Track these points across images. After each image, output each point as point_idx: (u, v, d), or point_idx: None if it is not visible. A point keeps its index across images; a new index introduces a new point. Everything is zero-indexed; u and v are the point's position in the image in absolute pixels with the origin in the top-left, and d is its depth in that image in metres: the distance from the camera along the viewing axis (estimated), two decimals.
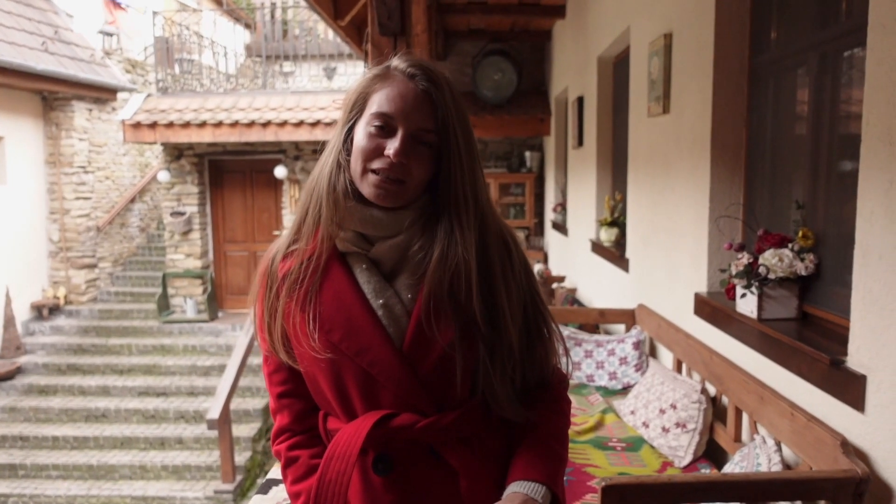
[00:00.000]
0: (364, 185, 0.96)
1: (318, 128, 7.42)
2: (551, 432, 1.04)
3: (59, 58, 7.62)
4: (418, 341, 0.96)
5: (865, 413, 1.52)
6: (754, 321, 2.02)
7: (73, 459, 6.36)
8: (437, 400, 0.98)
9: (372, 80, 0.99)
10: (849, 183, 1.80)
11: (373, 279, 0.99)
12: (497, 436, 1.04)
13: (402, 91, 0.96)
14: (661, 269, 3.03)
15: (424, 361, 0.96)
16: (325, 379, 0.99)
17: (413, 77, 0.97)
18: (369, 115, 0.97)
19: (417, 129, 0.95)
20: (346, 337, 0.96)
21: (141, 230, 9.60)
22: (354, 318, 0.96)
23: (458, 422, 0.98)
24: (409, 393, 0.96)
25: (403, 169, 0.95)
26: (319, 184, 1.00)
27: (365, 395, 0.98)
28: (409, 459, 0.99)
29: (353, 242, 0.99)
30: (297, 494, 1.04)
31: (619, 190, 4.15)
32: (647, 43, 3.14)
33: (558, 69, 6.24)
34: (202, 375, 7.34)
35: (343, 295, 0.98)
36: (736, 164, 2.41)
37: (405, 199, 0.97)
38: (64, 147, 8.06)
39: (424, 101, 0.96)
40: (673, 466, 2.28)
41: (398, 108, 0.95)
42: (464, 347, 0.97)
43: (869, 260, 1.51)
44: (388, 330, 0.97)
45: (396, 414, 0.97)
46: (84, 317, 8.16)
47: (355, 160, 0.97)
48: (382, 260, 0.99)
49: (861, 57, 1.74)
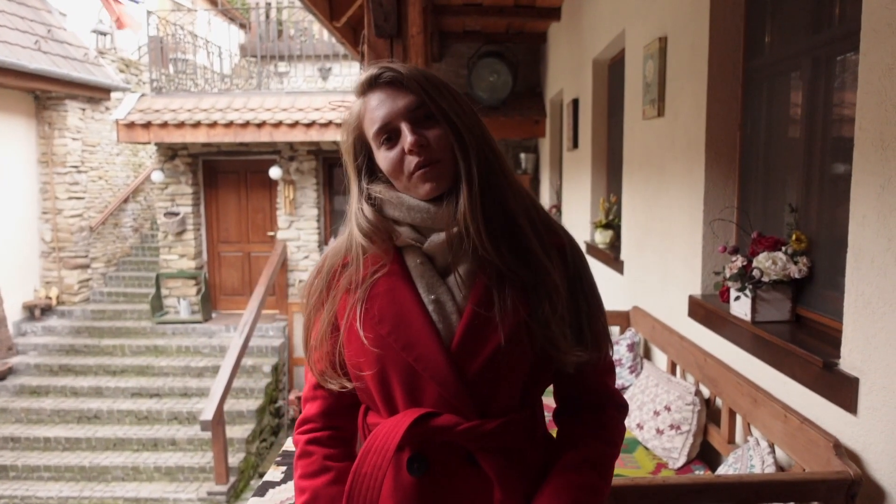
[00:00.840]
0: (415, 190, 0.97)
1: (314, 128, 7.41)
2: (592, 460, 1.00)
3: (52, 57, 7.58)
4: (468, 341, 0.95)
5: (858, 415, 1.53)
6: (748, 324, 2.03)
7: (65, 461, 6.32)
8: (481, 405, 0.96)
9: (355, 116, 1.01)
10: (841, 186, 1.82)
11: (426, 273, 0.98)
12: (538, 450, 1.02)
13: (377, 99, 0.97)
14: (656, 271, 3.05)
15: (472, 362, 0.95)
16: (371, 371, 0.97)
17: (374, 81, 0.98)
18: (373, 141, 0.99)
19: (407, 111, 0.96)
20: (395, 330, 0.95)
21: (134, 230, 9.56)
22: (404, 312, 0.96)
23: (501, 430, 0.95)
24: (454, 393, 0.94)
25: (428, 150, 0.95)
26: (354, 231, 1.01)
27: (408, 391, 0.96)
28: (445, 462, 0.97)
29: (407, 236, 0.99)
30: (302, 490, 1.03)
31: (614, 192, 4.17)
32: (642, 46, 3.15)
33: (553, 71, 6.25)
34: (196, 376, 7.31)
35: (396, 288, 0.97)
36: (730, 168, 2.43)
37: (450, 178, 0.96)
38: (57, 146, 8.02)
39: (396, 87, 0.97)
40: (667, 468, 2.28)
41: (383, 112, 0.96)
42: (516, 350, 0.95)
43: (861, 263, 1.52)
44: (437, 326, 0.95)
45: (438, 414, 0.95)
46: (76, 317, 8.11)
47: (395, 178, 0.98)
48: (437, 255, 0.99)
49: (854, 61, 1.76)
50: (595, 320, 1.02)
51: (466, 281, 0.97)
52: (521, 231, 0.98)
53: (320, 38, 9.70)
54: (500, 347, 0.94)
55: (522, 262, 0.97)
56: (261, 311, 7.07)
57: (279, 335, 7.89)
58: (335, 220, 8.45)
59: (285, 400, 7.67)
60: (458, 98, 1.00)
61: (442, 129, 0.96)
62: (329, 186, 8.40)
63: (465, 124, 0.97)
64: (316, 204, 8.21)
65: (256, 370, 7.34)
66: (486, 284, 0.96)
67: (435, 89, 0.97)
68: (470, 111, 1.00)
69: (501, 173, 0.99)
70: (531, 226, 0.99)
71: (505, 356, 0.95)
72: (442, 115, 0.96)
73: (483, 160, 0.97)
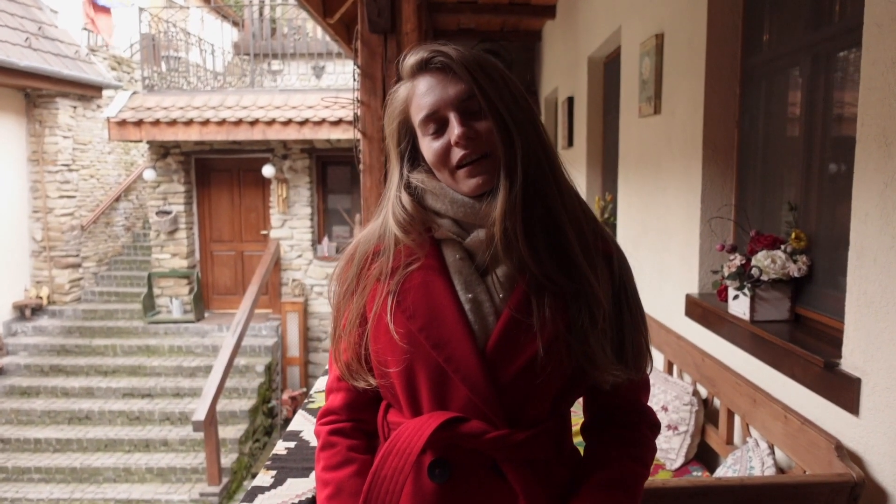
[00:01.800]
0: (461, 185, 0.92)
1: (307, 126, 7.37)
2: (622, 481, 0.95)
3: (42, 54, 7.50)
4: (504, 345, 0.90)
5: (860, 416, 1.50)
6: (746, 323, 2.01)
7: (55, 462, 6.26)
8: (512, 414, 0.91)
9: (399, 100, 0.96)
10: (842, 184, 1.79)
11: (465, 270, 0.93)
12: (565, 464, 0.98)
13: (426, 84, 0.92)
14: (652, 270, 3.02)
15: (507, 368, 0.90)
16: (397, 367, 0.92)
17: (427, 64, 0.93)
18: (419, 128, 0.94)
19: (459, 101, 0.90)
20: (427, 326, 0.90)
21: (126, 229, 9.48)
22: (439, 309, 0.91)
23: (531, 442, 0.91)
24: (484, 399, 0.89)
25: (477, 143, 0.90)
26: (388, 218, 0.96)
27: (435, 392, 0.91)
28: (468, 471, 0.93)
29: (448, 229, 0.94)
30: (325, 483, 0.99)
31: (610, 191, 4.14)
32: (639, 43, 3.13)
33: (548, 69, 6.23)
34: (188, 376, 7.26)
35: (431, 283, 0.92)
36: (728, 165, 2.40)
37: (496, 171, 0.90)
38: (47, 145, 7.94)
39: (448, 74, 0.91)
40: (664, 469, 2.26)
41: (433, 99, 0.91)
42: (552, 360, 0.89)
43: (864, 262, 1.50)
44: (472, 326, 0.91)
45: (466, 419, 0.90)
46: (67, 317, 8.04)
47: (439, 170, 0.93)
48: (477, 251, 0.93)
49: (855, 58, 1.74)
50: (638, 336, 0.98)
51: (506, 283, 0.92)
52: (565, 237, 0.92)
53: (314, 36, 9.66)
54: (536, 356, 0.89)
55: (563, 271, 0.91)
56: (254, 311, 7.02)
57: (272, 334, 7.84)
58: (329, 219, 8.41)
59: (278, 400, 7.62)
60: (512, 88, 0.93)
61: (490, 121, 0.91)
62: (323, 185, 8.35)
63: (514, 118, 0.91)
64: (309, 202, 8.16)
65: (249, 370, 7.29)
66: (525, 289, 0.91)
67: (487, 78, 0.91)
68: (524, 104, 0.93)
69: (551, 174, 0.93)
70: (577, 232, 0.93)
71: (541, 366, 0.90)
72: (490, 108, 0.90)
73: (531, 158, 0.91)
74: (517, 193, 0.89)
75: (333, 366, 1.03)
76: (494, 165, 0.91)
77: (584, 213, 0.97)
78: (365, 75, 2.72)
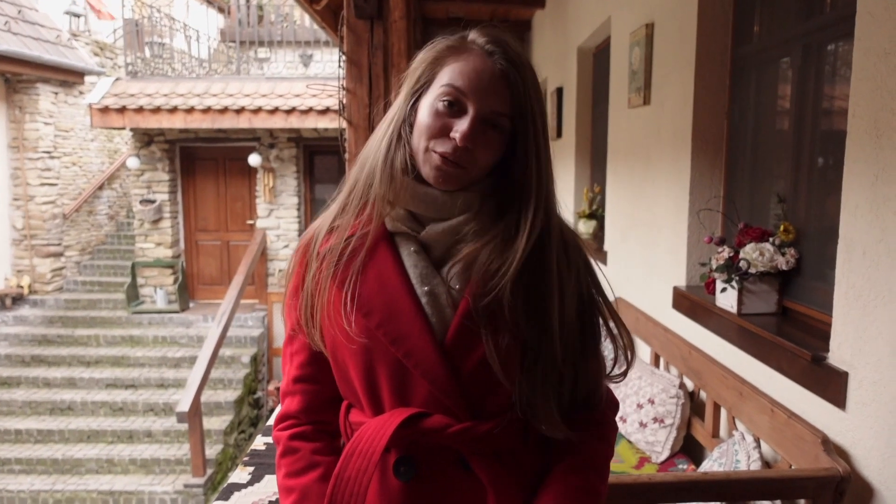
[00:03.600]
0: (424, 163, 0.89)
1: (294, 115, 7.28)
2: (592, 462, 0.95)
3: (22, 38, 7.34)
4: (462, 336, 0.87)
5: (847, 410, 1.49)
6: (734, 316, 1.99)
7: (36, 453, 6.18)
8: (475, 405, 0.89)
9: (444, 50, 0.90)
10: (831, 176, 1.78)
11: (420, 263, 0.90)
12: (534, 453, 0.96)
13: (478, 67, 0.87)
14: (640, 262, 3.01)
15: (467, 360, 0.88)
16: (356, 366, 0.90)
17: (492, 54, 0.88)
18: (439, 88, 0.88)
19: (490, 111, 0.86)
20: (385, 322, 0.88)
21: (110, 218, 9.34)
22: (395, 303, 0.88)
23: (495, 433, 0.89)
24: (445, 392, 0.87)
25: (468, 154, 0.86)
26: (376, 156, 0.91)
27: (396, 388, 0.89)
28: (434, 466, 0.91)
29: (403, 222, 0.91)
30: (289, 490, 0.95)
31: (598, 182, 4.12)
32: (629, 33, 3.10)
33: (538, 59, 6.18)
34: (172, 367, 7.19)
35: (386, 277, 0.89)
36: (717, 157, 2.38)
37: (464, 182, 0.89)
38: (28, 131, 7.79)
39: (501, 81, 0.87)
40: (650, 462, 2.25)
41: (472, 85, 0.86)
42: (510, 351, 0.88)
43: (853, 255, 1.48)
44: (430, 320, 0.88)
45: (428, 414, 0.88)
46: (49, 306, 7.92)
47: (418, 137, 0.89)
48: (433, 244, 0.91)
49: (846, 48, 1.72)
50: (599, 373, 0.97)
51: (462, 274, 0.90)
52: (548, 291, 0.89)
53: (301, 23, 9.54)
54: (496, 346, 0.87)
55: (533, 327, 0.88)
56: (239, 301, 6.95)
57: (258, 325, 7.78)
58: (316, 209, 8.33)
59: (264, 391, 7.57)
60: (546, 125, 0.91)
61: (498, 150, 0.89)
62: (310, 175, 8.27)
63: (546, 162, 0.89)
64: (296, 192, 8.08)
65: (235, 360, 7.23)
66: None
67: (538, 112, 0.88)
68: (549, 142, 0.92)
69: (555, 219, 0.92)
70: (560, 282, 0.90)
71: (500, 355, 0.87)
72: (533, 146, 0.87)
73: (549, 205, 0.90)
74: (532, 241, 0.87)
75: (288, 366, 1.00)
76: (465, 179, 0.89)
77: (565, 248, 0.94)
78: (351, 62, 2.67)
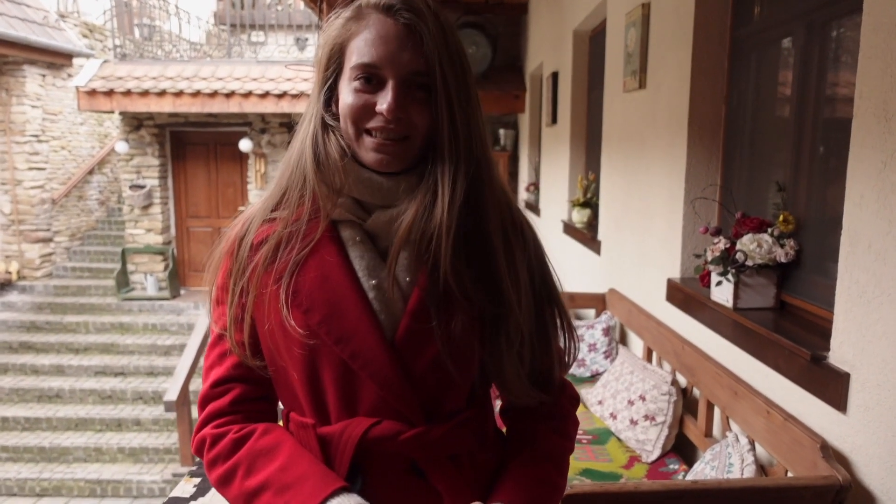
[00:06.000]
0: (362, 150, 0.81)
1: (285, 99, 7.13)
2: (550, 455, 0.90)
3: (8, 18, 7.17)
4: (413, 333, 0.81)
5: (847, 414, 1.40)
6: (729, 310, 1.89)
7: (24, 441, 6.11)
8: (429, 407, 0.83)
9: (344, 25, 0.82)
10: (835, 164, 1.67)
11: (367, 255, 0.83)
12: (490, 452, 0.89)
13: (382, 32, 0.79)
14: (634, 252, 2.90)
15: (419, 359, 0.81)
16: (297, 369, 0.82)
17: (391, 10, 0.80)
18: (349, 68, 0.81)
19: (408, 73, 0.79)
20: (327, 319, 0.80)
21: (100, 203, 9.21)
22: (339, 299, 0.81)
23: (449, 436, 0.83)
24: (396, 395, 0.80)
25: (402, 124, 0.79)
26: (304, 154, 0.84)
27: (342, 392, 0.81)
28: (384, 476, 0.83)
29: (348, 209, 0.84)
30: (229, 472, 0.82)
31: (593, 169, 4.01)
32: (624, 14, 2.97)
33: (534, 44, 6.04)
34: (162, 355, 7.10)
35: (329, 270, 0.82)
36: (714, 143, 2.27)
37: (410, 157, 0.82)
38: (15, 114, 7.64)
39: (410, 37, 0.79)
40: (640, 461, 2.16)
41: (381, 53, 0.79)
42: (467, 333, 0.81)
43: (857, 248, 1.38)
44: (379, 316, 0.81)
45: (377, 421, 0.81)
46: (38, 293, 7.82)
47: (345, 123, 0.82)
48: (379, 233, 0.84)
49: (852, 27, 1.60)
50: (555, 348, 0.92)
51: (412, 265, 0.81)
52: (493, 255, 0.83)
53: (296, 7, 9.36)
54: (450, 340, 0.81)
55: (485, 295, 0.83)
56: None
57: None
58: None
59: None
60: (469, 77, 0.82)
61: (430, 108, 0.80)
62: None
63: (465, 116, 0.81)
64: None
65: None
66: None
67: (450, 63, 0.80)
68: (476, 98, 0.83)
69: (488, 180, 0.84)
70: (505, 245, 0.84)
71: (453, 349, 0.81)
72: (444, 100, 0.79)
73: (472, 164, 0.82)
74: (457, 204, 0.80)
75: (217, 368, 0.88)
76: (409, 151, 0.81)
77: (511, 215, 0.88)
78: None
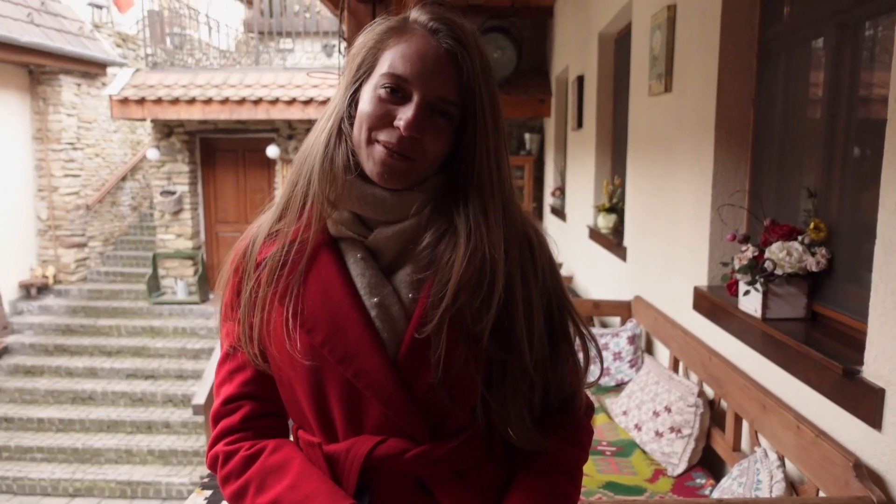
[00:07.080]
0: (367, 158, 0.80)
1: (311, 106, 7.19)
2: (561, 465, 0.87)
3: (45, 30, 7.38)
4: (416, 352, 0.79)
5: (882, 431, 1.34)
6: (758, 321, 1.83)
7: (58, 442, 6.24)
8: (434, 425, 0.81)
9: (385, 32, 0.81)
10: (868, 168, 1.61)
11: (368, 272, 0.82)
12: (498, 467, 0.87)
13: (421, 49, 0.78)
14: (660, 259, 2.84)
15: (422, 377, 0.80)
16: (303, 388, 0.82)
17: (436, 33, 0.79)
18: (379, 74, 0.80)
19: (436, 97, 0.78)
20: (330, 338, 0.79)
21: (133, 209, 9.40)
22: (341, 318, 0.80)
23: (455, 453, 0.81)
24: (400, 414, 0.79)
25: (415, 145, 0.78)
26: (313, 152, 0.83)
27: (348, 411, 0.81)
28: (391, 493, 0.82)
29: (348, 226, 0.83)
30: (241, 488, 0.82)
31: (619, 174, 3.95)
32: (650, 16, 2.92)
33: (559, 47, 5.99)
34: (191, 358, 7.20)
35: (331, 288, 0.81)
36: (742, 148, 2.21)
37: (413, 179, 0.80)
38: (51, 123, 7.84)
39: (447, 63, 0.78)
40: (665, 475, 2.10)
41: (415, 69, 0.78)
42: (469, 365, 0.80)
43: (891, 257, 1.32)
44: (381, 335, 0.80)
45: (383, 439, 0.80)
46: (73, 296, 8.00)
47: (359, 128, 0.80)
48: (382, 250, 0.83)
49: (888, 24, 1.54)
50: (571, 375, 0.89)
51: (415, 282, 0.80)
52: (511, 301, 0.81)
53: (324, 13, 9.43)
54: (457, 359, 0.79)
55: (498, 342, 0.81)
56: None
57: None
58: None
59: None
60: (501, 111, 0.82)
61: (447, 140, 0.80)
62: None
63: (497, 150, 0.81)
64: None
65: None
66: None
67: (490, 97, 0.80)
68: (504, 131, 0.83)
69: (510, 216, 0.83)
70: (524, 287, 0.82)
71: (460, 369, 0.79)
72: (483, 133, 0.79)
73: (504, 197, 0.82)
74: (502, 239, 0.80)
75: (227, 385, 0.88)
76: (414, 173, 0.80)
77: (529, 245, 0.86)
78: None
